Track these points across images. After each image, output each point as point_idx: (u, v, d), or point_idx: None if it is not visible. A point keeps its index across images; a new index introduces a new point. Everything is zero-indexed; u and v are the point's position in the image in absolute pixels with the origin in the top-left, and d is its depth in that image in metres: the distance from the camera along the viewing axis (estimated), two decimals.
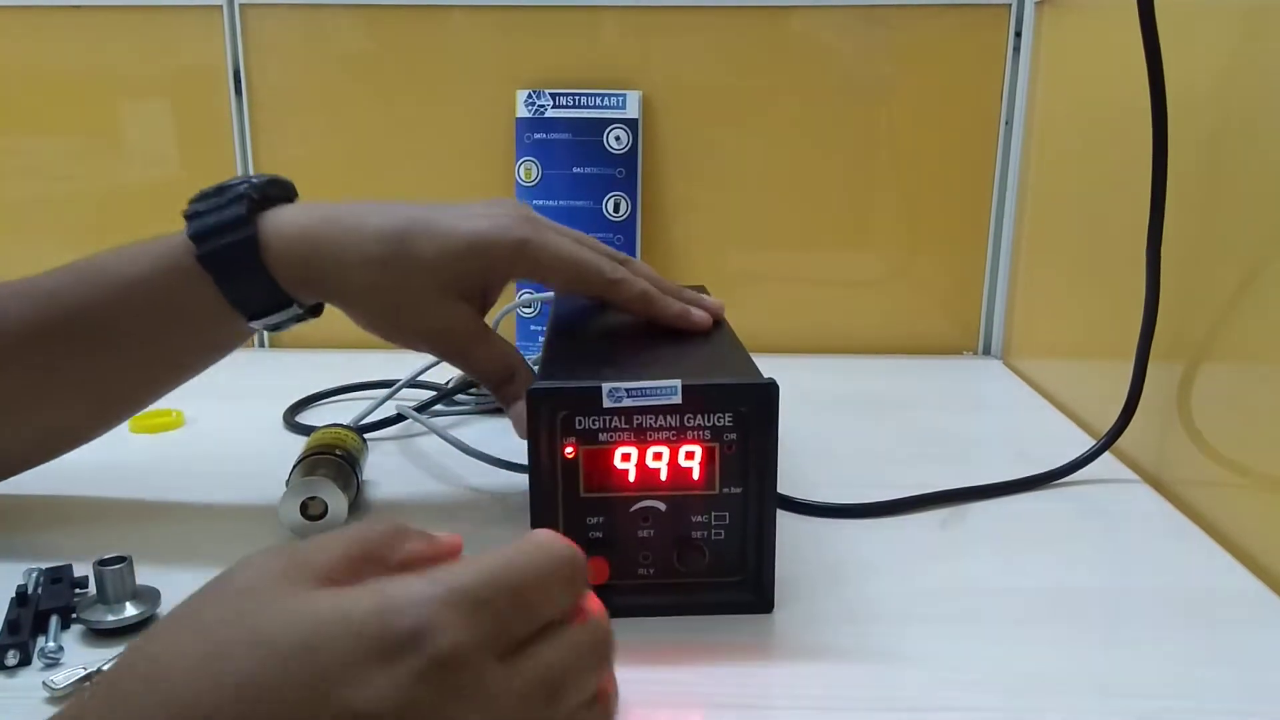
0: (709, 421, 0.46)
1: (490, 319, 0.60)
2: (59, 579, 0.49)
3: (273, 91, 0.98)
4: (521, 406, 0.51)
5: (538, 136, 0.96)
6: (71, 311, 0.54)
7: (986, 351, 1.00)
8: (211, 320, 0.55)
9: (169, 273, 0.54)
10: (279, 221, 0.54)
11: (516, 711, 0.28)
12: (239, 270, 0.53)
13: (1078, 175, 0.83)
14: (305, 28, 0.97)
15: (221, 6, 0.96)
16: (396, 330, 0.56)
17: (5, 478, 0.59)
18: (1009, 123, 0.95)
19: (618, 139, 0.96)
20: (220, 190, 0.55)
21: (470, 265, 0.54)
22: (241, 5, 0.96)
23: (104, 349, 0.55)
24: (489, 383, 0.57)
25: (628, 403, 0.46)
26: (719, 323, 0.60)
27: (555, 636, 0.31)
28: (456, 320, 0.55)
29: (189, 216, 0.54)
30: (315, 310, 0.58)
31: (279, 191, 0.57)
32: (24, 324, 0.54)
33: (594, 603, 0.33)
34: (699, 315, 0.57)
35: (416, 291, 0.54)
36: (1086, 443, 0.68)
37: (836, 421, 0.79)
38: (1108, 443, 0.66)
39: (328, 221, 0.54)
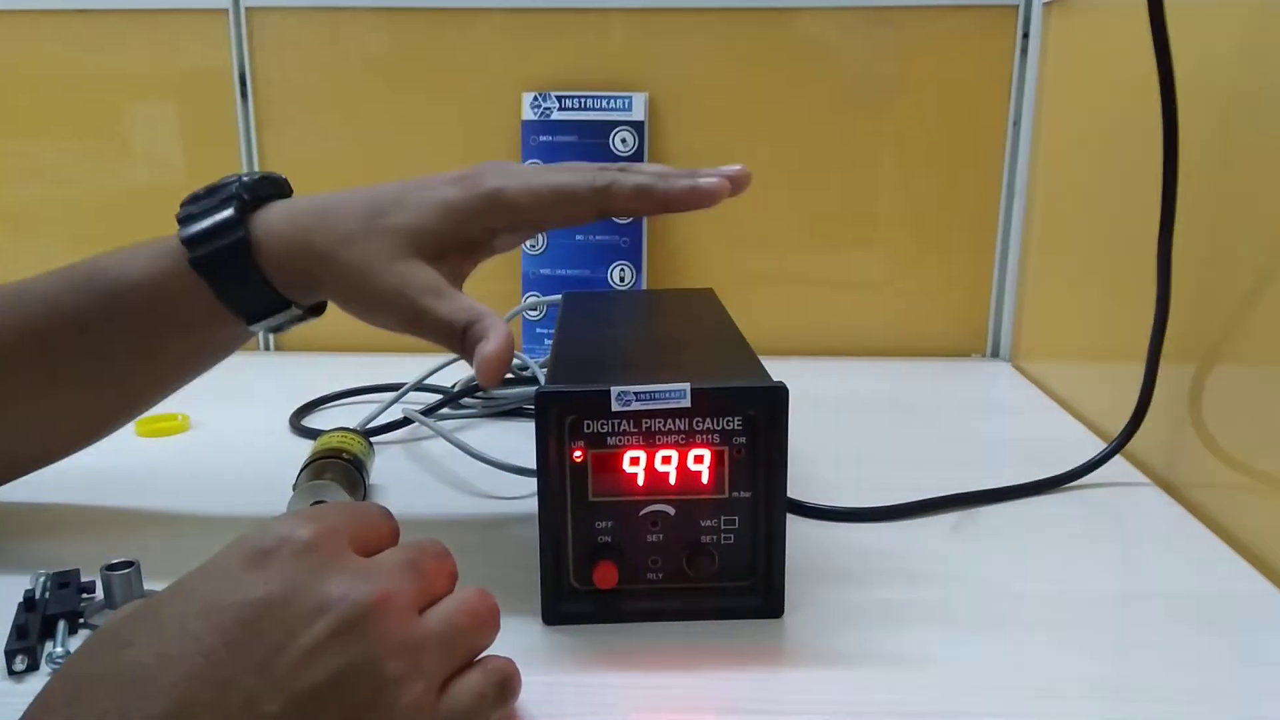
0: (718, 425, 0.46)
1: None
2: (66, 584, 0.49)
3: (279, 94, 0.98)
4: (486, 347, 0.48)
5: (544, 139, 0.96)
6: (69, 317, 0.54)
7: (995, 354, 1.00)
8: (210, 323, 0.54)
9: (164, 277, 0.53)
10: (269, 221, 0.53)
11: (385, 574, 0.35)
12: (231, 274, 0.52)
13: (1087, 176, 0.82)
14: (311, 30, 0.97)
15: (227, 10, 0.96)
16: (363, 302, 0.53)
17: (11, 479, 0.59)
18: (1017, 123, 0.94)
19: (624, 141, 0.95)
20: (211, 191, 0.54)
21: (441, 226, 0.52)
22: (247, 8, 0.96)
23: (104, 354, 0.55)
24: (451, 340, 0.51)
25: (636, 406, 0.45)
26: (727, 324, 0.59)
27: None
28: (413, 277, 0.51)
29: (181, 220, 0.53)
30: (316, 310, 0.57)
31: (271, 189, 0.55)
32: (21, 331, 0.54)
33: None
34: (709, 182, 0.52)
35: (378, 257, 0.51)
36: (1097, 446, 0.67)
37: (845, 424, 0.78)
38: (1119, 446, 0.65)
39: (316, 214, 0.53)
